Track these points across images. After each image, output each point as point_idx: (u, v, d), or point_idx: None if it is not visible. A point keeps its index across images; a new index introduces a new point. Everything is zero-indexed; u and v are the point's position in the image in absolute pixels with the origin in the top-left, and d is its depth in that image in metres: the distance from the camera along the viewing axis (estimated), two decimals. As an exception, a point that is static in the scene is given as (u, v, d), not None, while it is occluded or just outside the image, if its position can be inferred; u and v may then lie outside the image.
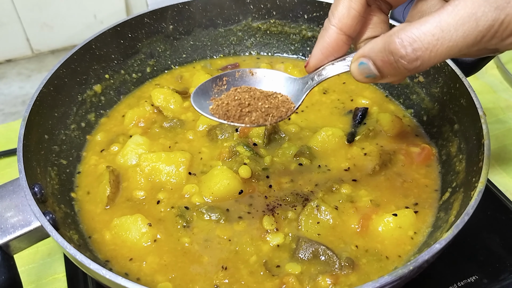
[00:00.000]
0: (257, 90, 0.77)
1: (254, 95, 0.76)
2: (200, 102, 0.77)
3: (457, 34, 0.55)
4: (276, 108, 0.75)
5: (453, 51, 0.56)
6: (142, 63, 1.21)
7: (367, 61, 0.63)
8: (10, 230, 0.74)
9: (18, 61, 1.57)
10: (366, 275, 0.80)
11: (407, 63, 0.57)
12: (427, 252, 0.68)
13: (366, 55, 0.63)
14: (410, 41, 0.56)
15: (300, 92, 0.77)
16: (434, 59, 0.56)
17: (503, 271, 0.93)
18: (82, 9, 1.51)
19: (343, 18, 0.68)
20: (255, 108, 0.74)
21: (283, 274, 0.79)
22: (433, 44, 0.55)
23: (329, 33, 0.69)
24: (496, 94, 1.42)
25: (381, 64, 0.61)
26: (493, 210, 1.04)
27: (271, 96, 0.77)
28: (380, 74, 0.62)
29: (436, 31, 0.55)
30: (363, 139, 1.03)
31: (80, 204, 0.93)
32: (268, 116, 0.74)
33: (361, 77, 0.66)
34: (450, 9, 0.55)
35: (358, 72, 0.65)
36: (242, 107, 0.74)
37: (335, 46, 0.70)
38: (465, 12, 0.54)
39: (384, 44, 0.58)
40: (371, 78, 0.64)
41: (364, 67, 0.64)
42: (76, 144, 1.04)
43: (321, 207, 0.87)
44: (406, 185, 0.95)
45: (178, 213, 0.88)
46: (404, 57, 0.57)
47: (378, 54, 0.60)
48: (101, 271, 0.65)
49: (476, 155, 0.85)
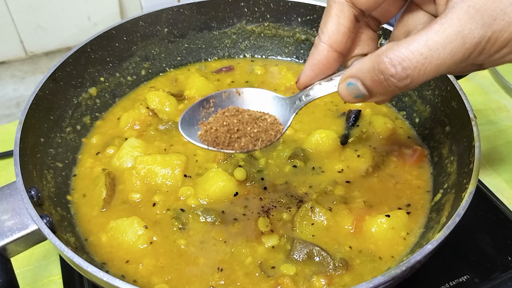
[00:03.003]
0: (245, 113, 0.76)
1: (243, 119, 0.74)
2: (188, 128, 0.76)
3: (445, 52, 0.55)
4: (265, 131, 0.74)
5: (441, 69, 0.56)
6: (137, 66, 1.21)
7: (356, 81, 0.63)
8: (7, 233, 0.75)
9: (12, 63, 1.57)
10: (359, 276, 0.81)
11: (397, 81, 0.57)
12: (419, 252, 0.69)
13: (354, 75, 0.63)
14: (399, 60, 0.56)
15: (288, 113, 0.75)
16: (423, 76, 0.57)
17: (494, 271, 0.94)
18: (76, 12, 1.51)
19: (333, 35, 0.67)
20: (244, 134, 0.73)
21: (278, 275, 0.80)
22: (421, 63, 0.56)
23: (320, 50, 0.68)
24: (487, 96, 1.44)
25: (371, 83, 0.61)
26: (484, 211, 1.06)
27: (260, 119, 0.75)
28: (369, 94, 0.63)
29: (424, 50, 0.55)
30: (356, 141, 1.04)
31: (76, 206, 0.94)
32: (257, 141, 0.73)
33: (350, 98, 0.66)
34: (437, 28, 0.55)
35: (347, 92, 0.65)
36: (231, 133, 0.73)
37: (326, 63, 0.69)
38: (452, 30, 0.55)
39: (373, 63, 0.59)
40: (360, 98, 0.64)
41: (353, 87, 0.63)
42: (71, 147, 1.04)
43: (315, 208, 0.88)
44: (398, 186, 0.96)
45: (174, 215, 0.89)
46: (394, 76, 0.57)
47: (366, 74, 0.60)
48: (99, 274, 0.66)
49: (467, 157, 0.86)
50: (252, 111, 0.76)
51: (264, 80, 1.23)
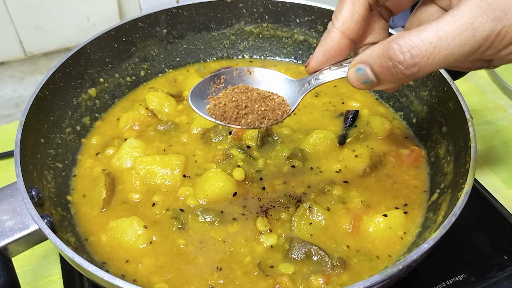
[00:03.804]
0: (254, 91, 0.78)
1: (252, 97, 0.77)
2: (198, 101, 0.78)
3: (454, 43, 0.56)
4: (272, 110, 0.76)
5: (449, 59, 0.57)
6: (136, 66, 1.21)
7: (365, 67, 0.63)
8: (9, 233, 0.75)
9: (11, 64, 1.57)
10: (357, 275, 0.82)
11: (405, 69, 0.58)
12: (416, 251, 0.70)
13: (364, 61, 0.63)
14: (409, 47, 0.57)
15: (297, 95, 0.77)
16: (431, 66, 0.57)
17: (491, 270, 0.95)
18: (75, 12, 1.52)
19: (346, 22, 0.68)
20: (251, 110, 0.75)
21: (277, 274, 0.81)
22: (430, 52, 0.57)
23: (332, 36, 0.69)
24: (484, 96, 1.45)
25: (379, 69, 0.62)
26: (480, 210, 1.06)
27: (268, 98, 0.77)
28: (377, 80, 0.63)
29: (434, 39, 0.56)
30: (354, 142, 1.05)
31: (76, 207, 0.94)
32: (264, 119, 0.75)
33: (358, 83, 0.66)
34: (449, 19, 0.56)
35: (356, 78, 0.66)
36: (239, 108, 0.75)
37: (337, 49, 0.70)
38: (463, 22, 0.56)
39: (383, 50, 0.60)
40: (368, 84, 0.65)
41: (362, 73, 0.64)
42: (71, 147, 1.04)
43: (313, 208, 0.89)
44: (396, 186, 0.97)
45: (173, 215, 0.90)
46: (402, 63, 0.58)
47: (376, 60, 0.61)
48: (99, 273, 0.67)
49: (463, 157, 0.87)
50: (261, 90, 0.78)
51: (263, 80, 1.24)
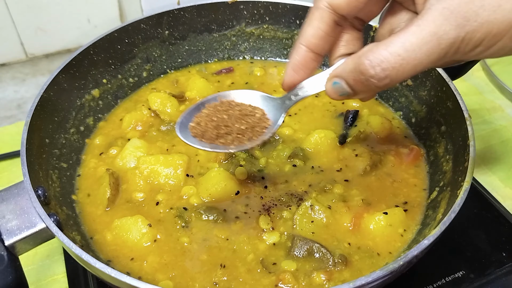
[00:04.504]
0: (236, 108, 0.79)
1: (233, 115, 0.78)
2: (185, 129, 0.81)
3: (421, 53, 0.58)
4: (252, 128, 0.78)
5: (419, 68, 0.59)
6: (139, 67, 1.23)
7: (340, 81, 0.66)
8: (16, 231, 0.76)
9: (12, 65, 1.58)
10: (358, 271, 0.83)
11: (377, 82, 0.60)
12: (416, 248, 0.71)
13: (339, 75, 0.66)
14: (378, 62, 0.59)
15: (278, 112, 0.79)
16: (401, 76, 0.59)
17: (489, 266, 0.96)
18: (76, 14, 1.52)
19: (311, 38, 0.71)
20: (231, 131, 0.77)
21: (279, 271, 0.82)
22: (399, 63, 0.58)
23: (298, 51, 0.72)
24: (482, 96, 1.46)
25: (353, 83, 0.64)
26: (479, 208, 1.08)
27: (249, 115, 0.79)
28: (353, 92, 0.66)
29: (402, 51, 0.58)
30: (354, 141, 1.06)
31: (81, 206, 0.95)
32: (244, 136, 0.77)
33: (336, 96, 0.69)
34: (414, 29, 0.58)
35: (333, 91, 0.69)
36: (218, 129, 0.77)
37: (304, 63, 0.73)
38: (427, 32, 0.57)
39: (355, 65, 0.62)
40: (345, 95, 0.68)
41: (338, 86, 0.67)
42: (75, 147, 1.06)
43: (315, 206, 0.90)
44: (396, 184, 0.98)
45: (177, 214, 0.91)
46: (374, 77, 0.60)
47: (349, 74, 0.64)
48: (106, 270, 0.68)
49: (462, 156, 0.88)
50: (243, 106, 0.80)
51: (264, 81, 1.25)
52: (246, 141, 0.77)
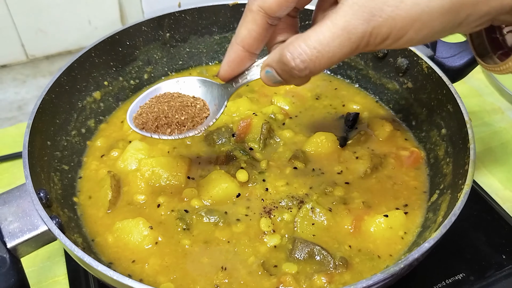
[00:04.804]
0: (177, 99, 0.85)
1: (174, 106, 0.84)
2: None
3: (334, 46, 0.61)
4: (192, 118, 0.84)
5: (334, 59, 0.63)
6: (140, 70, 1.23)
7: (271, 70, 0.71)
8: (18, 234, 0.77)
9: (13, 67, 1.58)
10: (359, 274, 0.83)
11: (298, 72, 0.65)
12: (417, 251, 0.71)
13: (269, 65, 0.71)
14: (297, 54, 0.63)
15: (222, 99, 0.85)
16: (319, 67, 0.64)
17: (489, 269, 0.97)
18: (76, 16, 1.53)
19: (245, 39, 0.74)
20: (170, 122, 0.83)
21: (280, 274, 0.82)
22: (315, 56, 0.62)
23: (234, 49, 0.76)
24: (482, 98, 1.47)
25: (281, 72, 0.69)
26: (479, 211, 1.08)
27: (190, 106, 0.84)
28: (283, 80, 0.71)
29: (317, 45, 0.62)
30: (355, 143, 1.06)
31: (83, 208, 0.96)
32: (184, 127, 0.83)
33: (270, 83, 0.74)
34: (328, 24, 0.61)
35: (267, 79, 0.74)
36: (158, 120, 0.83)
37: (240, 61, 0.78)
38: (339, 27, 0.60)
39: (279, 56, 0.66)
40: (278, 83, 0.72)
41: (270, 75, 0.72)
42: (77, 149, 1.06)
43: (316, 209, 0.90)
44: (396, 187, 0.99)
45: (178, 216, 0.91)
46: (295, 68, 0.65)
47: (276, 64, 0.69)
48: (108, 272, 0.68)
49: (462, 159, 0.89)
50: (185, 98, 0.86)
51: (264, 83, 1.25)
52: (186, 130, 0.83)
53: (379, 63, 1.18)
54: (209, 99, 0.86)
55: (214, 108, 0.85)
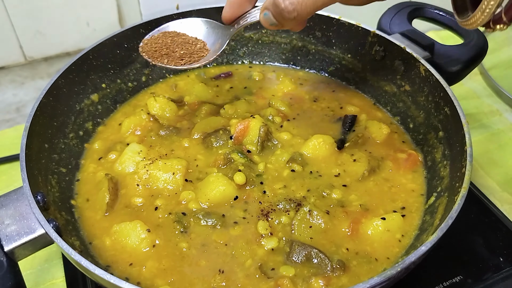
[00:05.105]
0: (181, 36, 0.99)
1: (176, 41, 0.98)
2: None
3: None
4: (190, 54, 0.97)
5: (318, 4, 0.73)
6: (138, 72, 1.23)
7: (268, 12, 0.78)
8: (15, 237, 0.77)
9: (11, 68, 1.58)
10: (356, 277, 0.83)
11: (287, 14, 0.74)
12: (414, 254, 0.72)
13: (267, 7, 0.79)
14: None
15: (225, 38, 0.97)
16: (306, 9, 0.73)
17: (486, 271, 0.97)
18: (75, 17, 1.53)
19: None
20: (170, 52, 0.96)
21: (278, 277, 0.82)
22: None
23: None
24: (479, 100, 1.47)
25: (275, 14, 0.77)
26: (476, 213, 1.09)
27: (190, 43, 0.98)
28: (278, 22, 0.78)
29: None
30: (353, 146, 1.06)
31: (80, 211, 0.96)
32: (182, 60, 0.96)
33: (267, 25, 0.81)
34: None
35: (264, 21, 0.81)
36: (159, 50, 0.96)
37: (240, 4, 0.89)
38: None
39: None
40: (274, 25, 0.80)
41: (267, 17, 0.79)
42: (74, 152, 1.06)
43: (313, 211, 0.91)
44: (393, 190, 0.99)
45: (176, 219, 0.91)
46: (284, 10, 0.74)
47: (271, 7, 0.77)
48: (106, 276, 0.68)
49: (459, 161, 0.89)
50: (188, 37, 1.00)
51: (262, 85, 1.26)
52: (184, 63, 0.96)
53: (377, 66, 1.18)
54: (212, 40, 0.98)
55: (217, 46, 0.97)
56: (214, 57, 0.96)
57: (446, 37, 1.55)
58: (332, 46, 1.24)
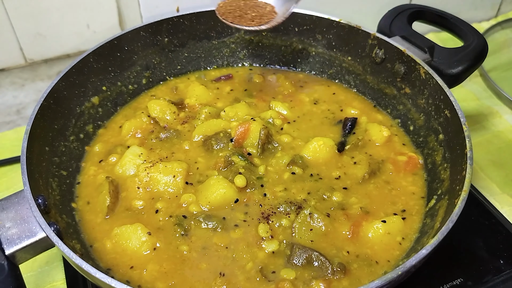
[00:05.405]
0: (251, 0, 1.08)
1: (249, 4, 1.07)
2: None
3: None
4: (261, 16, 1.05)
5: None
6: (138, 75, 1.23)
7: None
8: (16, 241, 0.77)
9: (11, 71, 1.58)
10: (357, 280, 0.83)
11: None
12: (415, 257, 0.72)
13: None
14: None
15: (291, 1, 1.05)
16: None
17: (487, 274, 0.97)
18: (75, 20, 1.52)
19: None
20: (244, 14, 1.05)
21: (279, 280, 0.83)
22: None
23: None
24: (479, 102, 1.48)
25: None
26: (477, 215, 1.09)
27: (260, 7, 1.07)
28: None
29: None
30: (353, 148, 1.07)
31: (81, 214, 0.96)
32: (253, 21, 1.04)
33: None
34: None
35: None
36: (233, 12, 1.05)
37: None
38: None
39: None
40: None
41: None
42: (75, 155, 1.06)
43: (314, 214, 0.91)
44: (394, 192, 0.99)
45: (177, 222, 0.91)
46: None
47: None
48: (107, 280, 0.68)
49: (460, 164, 0.89)
50: (258, 1, 1.09)
51: (263, 88, 1.26)
52: (255, 24, 1.03)
53: (377, 68, 1.18)
54: (280, 4, 1.07)
55: (284, 10, 1.05)
56: (282, 19, 1.04)
57: (446, 40, 1.56)
58: (332, 49, 1.25)
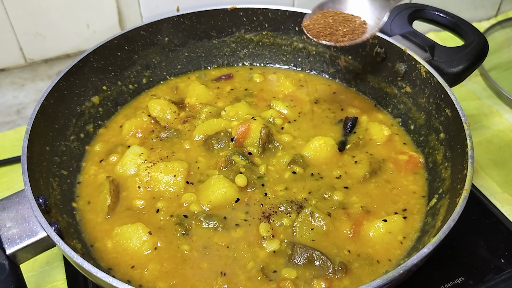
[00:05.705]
0: (340, 15, 1.02)
1: (337, 20, 1.01)
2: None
3: None
4: (352, 31, 0.99)
5: None
6: (139, 74, 1.23)
7: None
8: (17, 240, 0.77)
9: (11, 70, 1.58)
10: (358, 279, 0.83)
11: None
12: (416, 256, 0.72)
13: None
14: None
15: (383, 10, 0.99)
16: None
17: (488, 273, 0.97)
18: (75, 19, 1.52)
19: None
20: (334, 31, 0.99)
21: (280, 279, 0.83)
22: None
23: None
24: (480, 101, 1.47)
25: None
26: (477, 214, 1.09)
27: (351, 21, 1.00)
28: None
29: None
30: (354, 148, 1.06)
31: (82, 213, 0.96)
32: (345, 37, 0.98)
33: None
34: None
35: None
36: (323, 30, 0.99)
37: None
38: None
39: None
40: None
41: None
42: (75, 154, 1.06)
43: (315, 214, 0.91)
44: (395, 191, 0.99)
45: (177, 222, 0.91)
46: None
47: None
48: (108, 279, 0.68)
49: (460, 163, 0.89)
50: (345, 14, 1.02)
51: (263, 87, 1.26)
52: (347, 40, 0.97)
53: (377, 67, 1.18)
54: (369, 14, 1.01)
55: (375, 20, 0.99)
56: (375, 31, 0.99)
57: (447, 39, 1.55)
58: (333, 48, 1.24)
